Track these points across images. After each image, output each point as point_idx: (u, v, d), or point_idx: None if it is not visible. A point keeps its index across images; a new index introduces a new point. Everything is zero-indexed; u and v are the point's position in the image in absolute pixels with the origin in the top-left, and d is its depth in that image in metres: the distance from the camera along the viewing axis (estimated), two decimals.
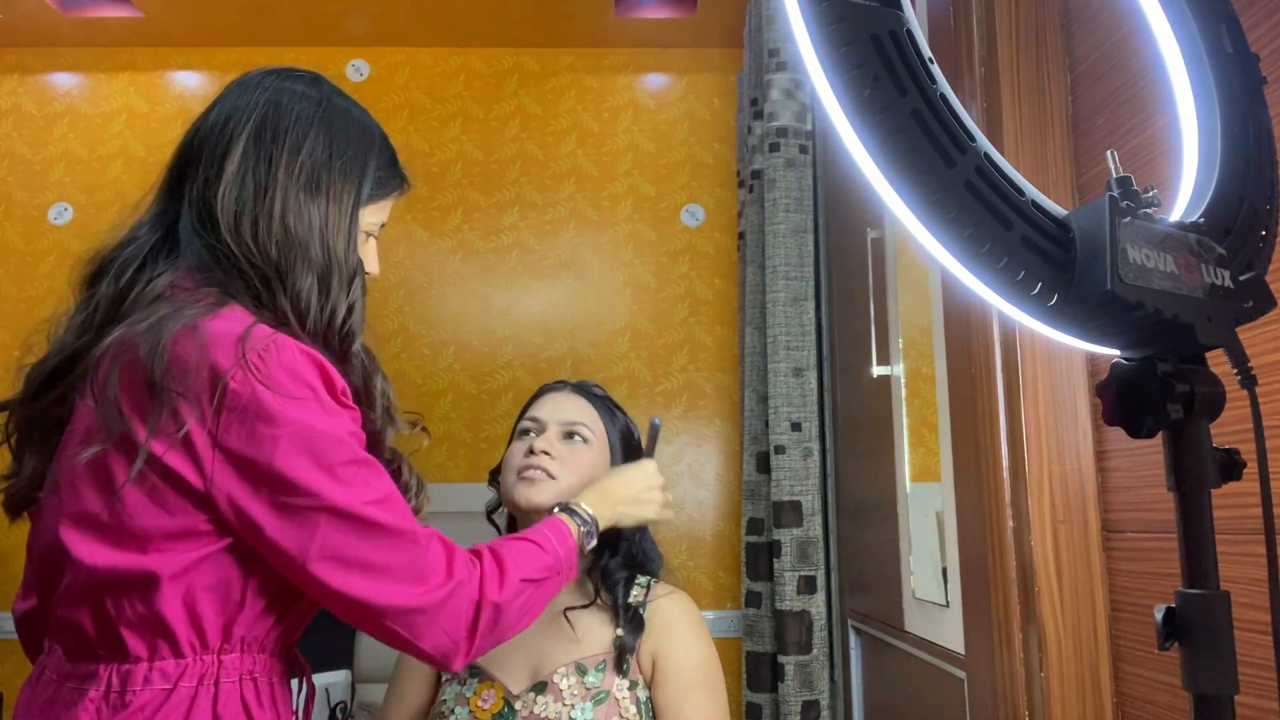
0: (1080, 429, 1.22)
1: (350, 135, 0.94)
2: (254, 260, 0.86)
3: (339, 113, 0.95)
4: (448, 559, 0.85)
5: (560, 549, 0.97)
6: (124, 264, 0.87)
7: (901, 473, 1.69)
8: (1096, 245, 0.57)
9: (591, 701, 1.13)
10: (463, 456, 2.56)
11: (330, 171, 0.91)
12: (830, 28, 0.57)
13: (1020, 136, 1.28)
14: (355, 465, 0.82)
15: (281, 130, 0.90)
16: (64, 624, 0.83)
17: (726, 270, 2.68)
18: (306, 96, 0.93)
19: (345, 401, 0.85)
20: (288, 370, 0.79)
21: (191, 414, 0.77)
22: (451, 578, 0.84)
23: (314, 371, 0.81)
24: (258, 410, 0.78)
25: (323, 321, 0.88)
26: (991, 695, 1.26)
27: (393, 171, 1.00)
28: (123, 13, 2.61)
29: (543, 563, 0.94)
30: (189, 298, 0.83)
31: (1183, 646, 0.58)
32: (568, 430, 1.26)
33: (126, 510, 0.79)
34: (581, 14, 2.63)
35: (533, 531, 0.99)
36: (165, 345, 0.78)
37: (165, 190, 0.93)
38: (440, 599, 0.82)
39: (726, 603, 2.50)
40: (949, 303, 1.45)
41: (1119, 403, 0.62)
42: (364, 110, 0.99)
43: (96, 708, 0.79)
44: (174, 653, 0.80)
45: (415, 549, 0.83)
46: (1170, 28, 0.73)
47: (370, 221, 0.98)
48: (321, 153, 0.91)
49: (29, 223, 2.69)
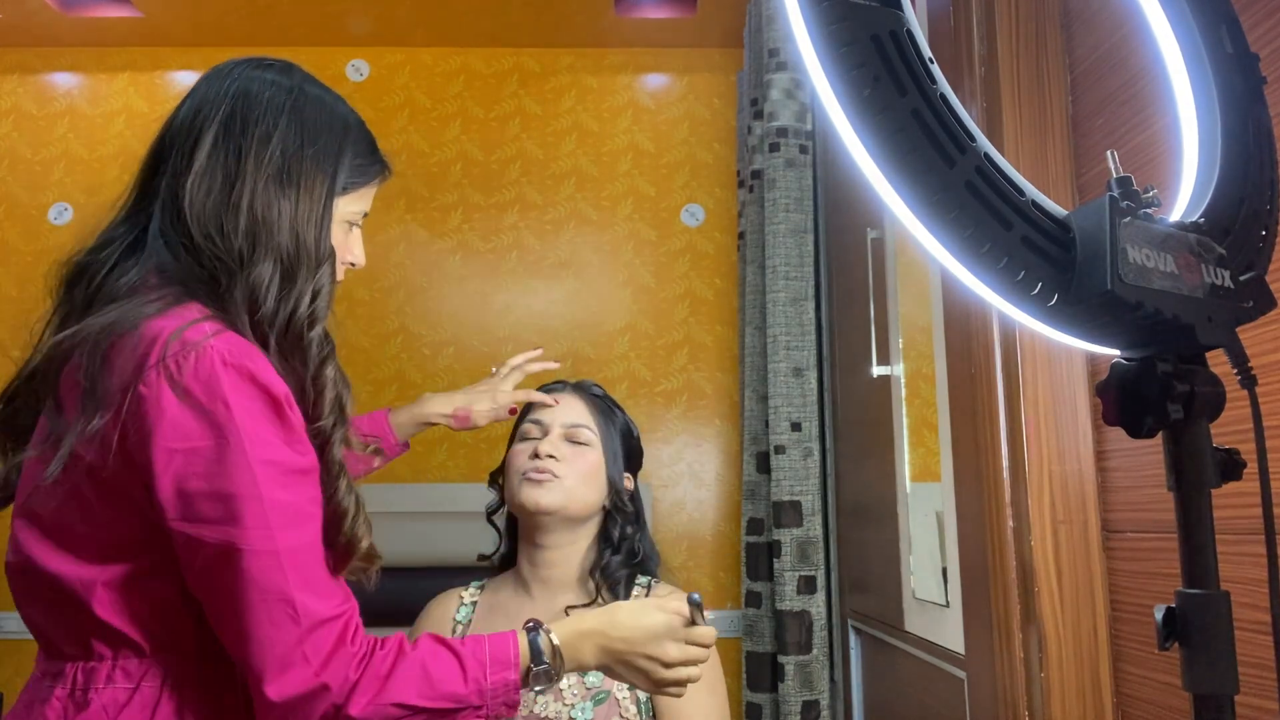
0: (1080, 429, 1.22)
1: (323, 123, 0.91)
2: (217, 252, 0.83)
3: (311, 100, 0.92)
4: (332, 647, 0.76)
5: (489, 678, 0.82)
6: (97, 267, 0.86)
7: (901, 473, 1.69)
8: (1096, 245, 0.57)
9: (592, 701, 1.13)
10: (463, 456, 2.56)
11: (302, 160, 0.88)
12: (830, 28, 0.57)
13: (1020, 136, 1.28)
14: (255, 501, 0.74)
15: (251, 120, 0.87)
16: (31, 622, 0.83)
17: (726, 270, 2.68)
18: (277, 84, 0.90)
19: (284, 411, 0.78)
20: (202, 381, 0.75)
21: (106, 417, 0.75)
22: (320, 675, 0.75)
23: (236, 383, 0.76)
24: (157, 416, 0.74)
25: (283, 312, 0.83)
26: (991, 695, 1.26)
27: (371, 159, 0.96)
28: (123, 13, 2.61)
29: (443, 691, 0.80)
30: (146, 297, 0.81)
31: (1183, 646, 0.58)
32: (571, 434, 1.27)
33: (66, 513, 0.78)
34: (581, 14, 2.63)
35: (477, 644, 0.85)
36: (104, 349, 0.77)
37: (138, 189, 0.91)
38: (299, 694, 0.74)
39: (726, 603, 2.50)
40: (949, 303, 1.45)
41: (1119, 403, 0.62)
42: (338, 97, 0.96)
43: (63, 705, 0.79)
44: (136, 653, 0.79)
45: (291, 628, 0.74)
46: (1170, 28, 0.73)
47: (350, 210, 0.95)
48: (293, 141, 0.88)
49: (29, 223, 2.69)
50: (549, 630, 0.88)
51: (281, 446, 0.78)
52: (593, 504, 1.26)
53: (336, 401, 0.85)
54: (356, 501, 0.84)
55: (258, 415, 0.77)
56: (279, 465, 0.77)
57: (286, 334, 0.84)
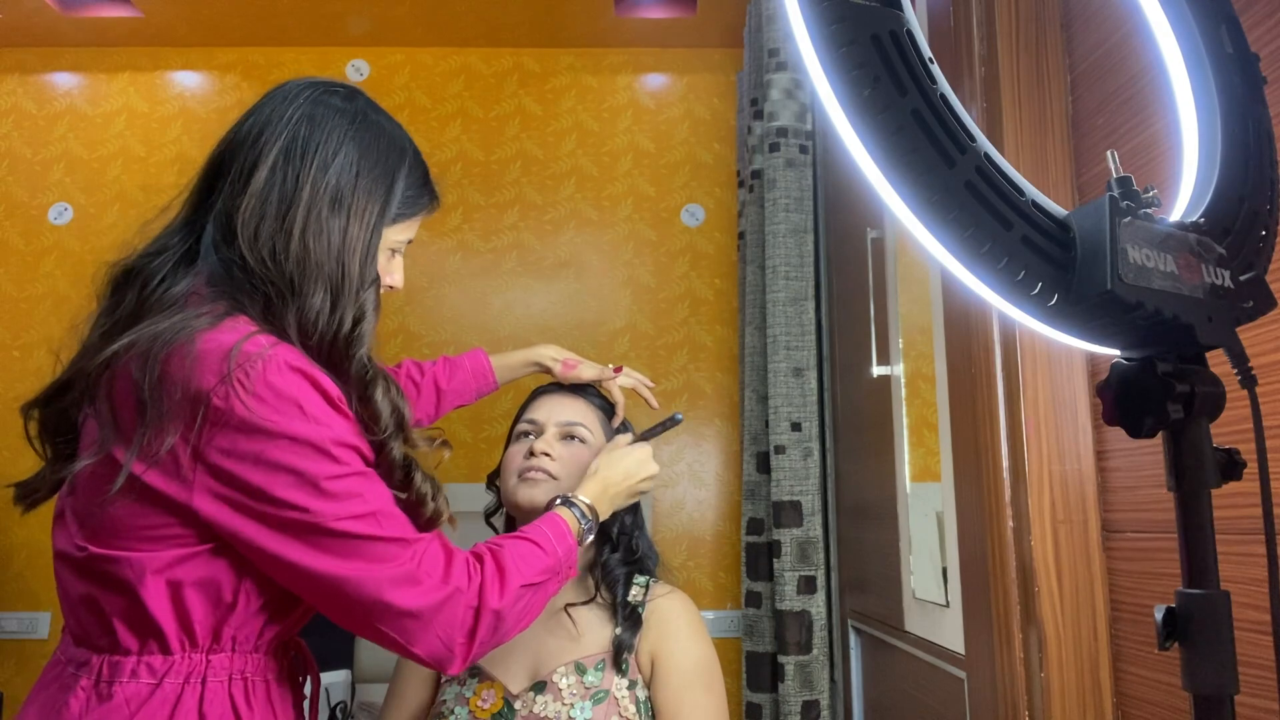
0: (1080, 429, 1.22)
1: (380, 152, 0.93)
2: (270, 275, 0.86)
3: (372, 128, 0.94)
4: (445, 564, 0.85)
5: (560, 548, 0.97)
6: (151, 274, 0.88)
7: (901, 473, 1.69)
8: (1096, 245, 0.57)
9: (591, 701, 1.13)
10: (462, 456, 2.56)
11: (355, 190, 0.90)
12: (830, 28, 0.57)
13: (1020, 136, 1.28)
14: (341, 479, 0.81)
15: (312, 146, 0.89)
16: (70, 610, 0.85)
17: (726, 270, 2.68)
18: (342, 112, 0.92)
19: (341, 408, 0.84)
20: (272, 386, 0.79)
21: (174, 430, 0.78)
22: (448, 583, 0.84)
23: (301, 384, 0.81)
24: (239, 425, 0.78)
25: (329, 335, 0.87)
26: (991, 695, 1.26)
27: (422, 190, 0.99)
28: (123, 13, 2.61)
29: (542, 565, 0.93)
30: (197, 309, 0.83)
31: (1183, 646, 0.58)
32: (566, 431, 1.27)
33: (113, 515, 0.80)
34: (581, 14, 2.63)
35: (532, 529, 0.98)
36: (159, 360, 0.79)
37: (195, 198, 0.93)
38: (434, 603, 0.82)
39: (726, 603, 2.50)
40: (949, 303, 1.45)
41: (1119, 403, 0.62)
42: (397, 125, 0.98)
43: (87, 696, 0.80)
44: (162, 649, 0.81)
45: (405, 554, 0.82)
46: (1170, 28, 0.73)
47: (396, 239, 0.97)
48: (349, 170, 0.90)
49: (29, 223, 2.69)
50: (578, 497, 1.07)
51: (344, 424, 0.84)
52: None
53: (396, 422, 0.91)
54: (433, 485, 0.94)
55: (322, 407, 0.82)
56: (356, 446, 0.84)
57: (330, 355, 0.88)
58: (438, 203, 1.02)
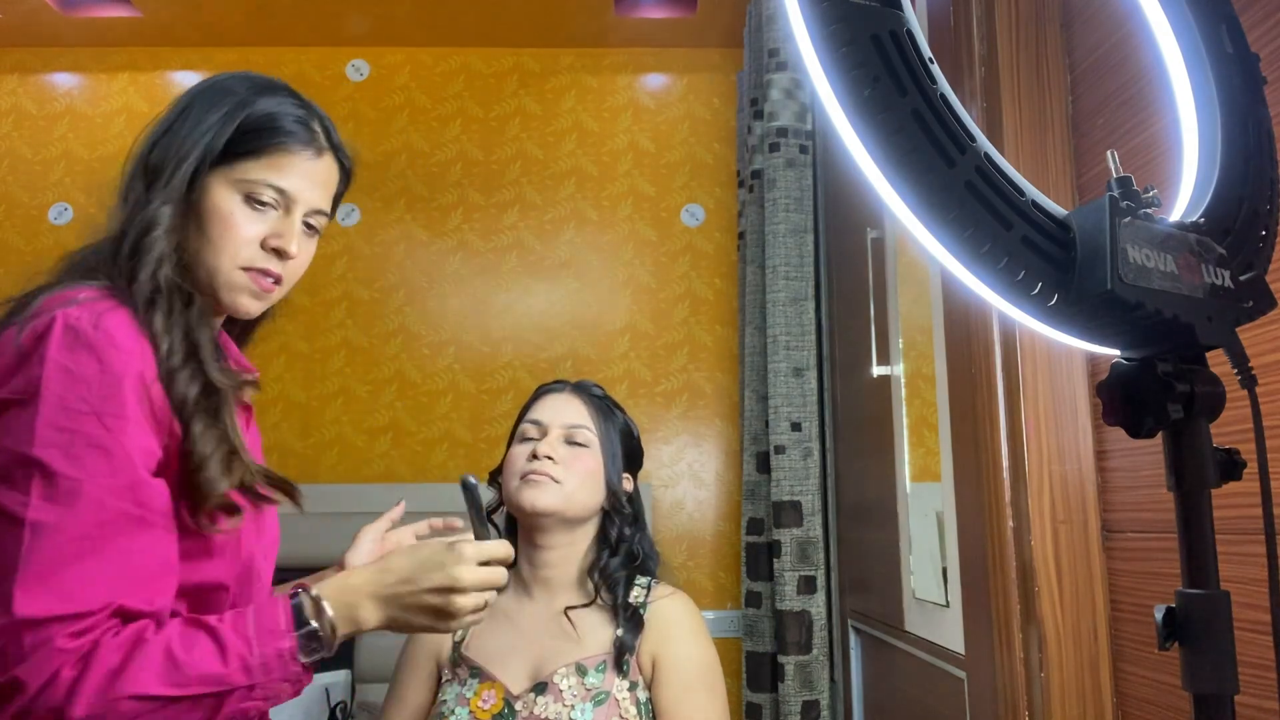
0: (1080, 429, 1.22)
1: (207, 103, 0.90)
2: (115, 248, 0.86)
3: (207, 86, 0.93)
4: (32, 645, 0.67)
5: (255, 652, 0.74)
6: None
7: (901, 473, 1.69)
8: (1096, 245, 0.57)
9: (591, 702, 1.13)
10: (462, 456, 2.56)
11: (172, 143, 0.89)
12: (830, 28, 0.57)
13: (1020, 136, 1.28)
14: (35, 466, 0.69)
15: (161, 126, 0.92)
16: None
17: (726, 270, 2.68)
18: (190, 89, 0.94)
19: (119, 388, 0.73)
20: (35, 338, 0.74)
21: None
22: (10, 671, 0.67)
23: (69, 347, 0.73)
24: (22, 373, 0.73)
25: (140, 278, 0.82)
26: (991, 695, 1.26)
27: (264, 128, 0.89)
28: (123, 13, 2.61)
29: (201, 673, 0.71)
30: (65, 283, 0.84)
31: (1183, 646, 0.58)
32: (570, 434, 1.27)
33: None
34: (581, 14, 2.63)
35: (235, 618, 0.76)
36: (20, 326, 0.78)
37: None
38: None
39: (726, 603, 2.50)
40: (949, 303, 1.45)
41: (1119, 403, 0.62)
42: (248, 77, 0.93)
43: None
44: None
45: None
46: (1170, 28, 0.73)
47: (244, 179, 0.88)
48: (161, 130, 0.90)
49: (29, 223, 2.69)
50: (311, 589, 0.80)
51: (90, 418, 0.71)
52: (591, 506, 1.26)
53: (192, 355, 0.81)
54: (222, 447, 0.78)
55: (76, 381, 0.72)
56: (79, 435, 0.70)
57: (147, 303, 0.81)
58: (293, 141, 0.90)
